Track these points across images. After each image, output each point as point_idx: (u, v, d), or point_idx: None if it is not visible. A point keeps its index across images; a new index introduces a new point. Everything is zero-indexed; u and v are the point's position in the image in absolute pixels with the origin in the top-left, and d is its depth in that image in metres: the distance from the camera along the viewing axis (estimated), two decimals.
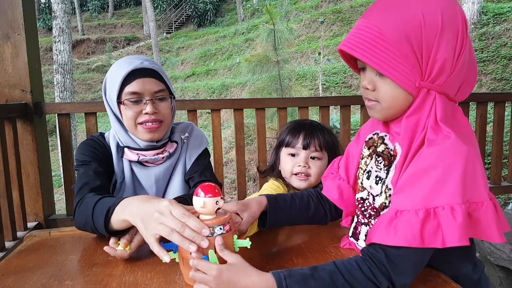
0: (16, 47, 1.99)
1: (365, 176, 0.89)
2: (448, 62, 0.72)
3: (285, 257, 0.91)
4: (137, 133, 1.18)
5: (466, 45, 0.74)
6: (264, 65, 6.41)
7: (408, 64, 0.72)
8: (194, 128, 1.35)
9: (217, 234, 0.76)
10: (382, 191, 0.83)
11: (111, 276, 0.84)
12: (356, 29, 0.76)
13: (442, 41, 0.71)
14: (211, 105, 2.34)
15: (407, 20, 0.71)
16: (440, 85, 0.74)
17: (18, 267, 0.90)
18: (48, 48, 18.72)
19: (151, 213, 0.80)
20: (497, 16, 9.31)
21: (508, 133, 2.83)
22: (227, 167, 7.44)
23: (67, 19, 6.50)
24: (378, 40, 0.72)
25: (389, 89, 0.76)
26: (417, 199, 0.70)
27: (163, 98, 1.18)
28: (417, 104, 0.75)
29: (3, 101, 2.00)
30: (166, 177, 1.27)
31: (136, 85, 1.13)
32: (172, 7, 25.31)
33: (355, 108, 4.92)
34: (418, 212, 0.69)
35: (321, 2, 16.42)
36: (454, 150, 0.70)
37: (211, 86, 13.78)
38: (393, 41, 0.71)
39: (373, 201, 0.86)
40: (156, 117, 1.15)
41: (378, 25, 0.73)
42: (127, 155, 1.20)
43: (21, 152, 2.00)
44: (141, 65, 1.13)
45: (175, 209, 0.78)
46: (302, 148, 1.26)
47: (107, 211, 0.91)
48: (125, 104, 1.14)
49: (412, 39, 0.71)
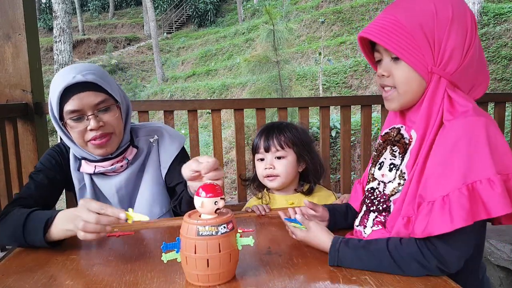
0: (16, 47, 1.99)
1: (377, 167, 0.95)
2: (458, 52, 0.80)
3: (285, 257, 0.91)
4: (88, 150, 1.14)
5: (474, 42, 0.81)
6: (264, 65, 6.41)
7: (421, 49, 0.80)
8: (166, 129, 1.30)
9: (221, 232, 0.76)
10: (395, 176, 0.88)
11: (111, 276, 0.84)
12: (375, 20, 0.86)
13: (452, 32, 0.80)
14: (211, 105, 2.34)
15: (421, 10, 0.81)
16: (450, 74, 0.81)
17: (18, 267, 0.90)
18: (49, 48, 18.74)
19: (73, 214, 0.91)
20: (497, 16, 9.31)
21: (509, 133, 2.83)
22: (227, 167, 7.44)
23: (67, 19, 6.51)
24: (395, 27, 0.81)
25: (403, 73, 0.84)
26: (455, 179, 0.73)
27: (107, 109, 1.10)
28: (431, 90, 0.82)
29: (3, 101, 2.00)
30: (129, 185, 1.23)
31: (74, 103, 1.06)
32: (172, 7, 25.30)
33: (355, 108, 4.91)
34: (462, 190, 0.72)
35: (321, 2, 16.41)
36: (474, 123, 0.75)
37: (211, 86, 13.78)
38: (408, 28, 0.80)
39: (384, 188, 0.91)
40: (103, 131, 1.10)
41: (395, 15, 0.82)
42: (84, 168, 1.17)
43: (22, 152, 2.01)
44: (74, 80, 1.05)
45: (90, 204, 0.89)
46: (264, 151, 1.31)
47: (45, 224, 0.94)
48: (68, 124, 1.09)
49: (425, 27, 0.80)
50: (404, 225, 0.82)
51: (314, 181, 1.37)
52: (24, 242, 0.97)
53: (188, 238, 0.76)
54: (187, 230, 0.77)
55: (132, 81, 18.74)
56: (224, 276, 0.79)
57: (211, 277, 0.77)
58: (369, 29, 0.85)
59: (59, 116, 1.09)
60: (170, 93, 14.87)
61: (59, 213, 0.95)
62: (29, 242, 0.97)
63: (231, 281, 0.80)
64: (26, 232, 0.96)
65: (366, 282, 0.78)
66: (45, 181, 1.15)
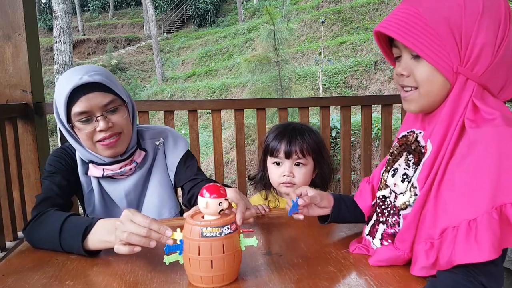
0: (16, 47, 1.99)
1: (390, 173, 0.87)
2: (488, 48, 0.70)
3: (285, 257, 0.91)
4: (97, 151, 1.11)
5: (508, 36, 0.71)
6: (265, 66, 6.41)
7: (446, 46, 0.70)
8: (170, 132, 1.29)
9: (224, 233, 0.76)
10: (407, 189, 0.79)
11: (112, 276, 0.84)
12: (394, 12, 0.76)
13: (482, 26, 0.69)
14: (211, 105, 2.34)
15: (447, 2, 0.71)
16: (479, 75, 0.71)
17: (18, 267, 0.90)
18: (49, 48, 18.73)
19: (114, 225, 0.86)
20: None
21: None
22: (227, 167, 7.44)
23: (67, 19, 6.51)
24: (416, 20, 0.71)
25: (425, 72, 0.74)
26: (483, 201, 0.63)
27: (115, 109, 1.09)
28: (454, 94, 0.72)
29: (3, 101, 2.00)
30: (137, 189, 1.21)
31: (82, 104, 1.04)
32: (172, 7, 25.29)
33: (355, 109, 4.91)
34: (492, 213, 0.62)
35: (321, 2, 16.40)
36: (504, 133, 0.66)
37: (211, 86, 13.78)
38: (432, 21, 0.70)
39: (394, 199, 0.83)
40: (112, 132, 1.08)
41: (416, 6, 0.72)
42: (92, 171, 1.15)
43: (22, 152, 2.00)
44: (81, 81, 1.03)
45: (136, 216, 0.83)
46: (284, 157, 1.25)
47: (84, 230, 0.91)
48: (77, 126, 1.07)
49: (451, 21, 0.70)
50: (426, 251, 0.72)
51: (324, 187, 1.33)
52: (59, 247, 0.94)
53: (192, 239, 0.76)
54: (190, 231, 0.77)
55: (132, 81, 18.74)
56: (228, 277, 0.79)
57: (215, 279, 0.77)
58: (387, 23, 0.75)
59: (67, 118, 1.07)
60: (170, 93, 14.87)
61: (98, 221, 0.92)
62: (65, 248, 0.94)
63: (232, 282, 0.80)
64: (63, 238, 0.93)
65: (367, 282, 0.78)
66: (64, 182, 1.12)
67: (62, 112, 1.05)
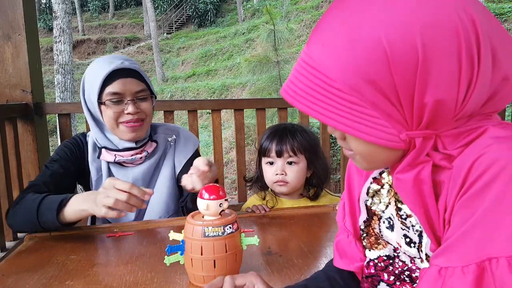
0: (16, 47, 1.99)
1: (385, 224, 0.61)
2: (448, 104, 0.46)
3: (285, 257, 0.91)
4: (118, 133, 1.17)
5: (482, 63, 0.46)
6: (265, 66, 6.42)
7: (380, 114, 0.47)
8: (182, 130, 1.35)
9: (227, 233, 0.76)
10: (421, 257, 0.56)
11: (112, 276, 0.84)
12: (297, 68, 0.51)
13: (427, 81, 0.45)
14: (211, 105, 2.34)
15: (362, 53, 0.45)
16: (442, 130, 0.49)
17: (18, 267, 0.90)
18: (49, 48, 18.72)
19: (97, 192, 0.95)
20: (497, 16, 9.30)
21: None
22: (227, 167, 7.45)
23: (67, 20, 6.51)
24: (327, 87, 0.47)
25: (359, 146, 0.52)
26: (466, 249, 0.46)
27: (144, 98, 1.18)
28: (413, 155, 0.50)
29: (3, 101, 2.00)
30: (145, 178, 1.26)
31: (117, 86, 1.12)
32: (172, 7, 25.29)
33: None
34: (466, 270, 0.45)
35: (321, 2, 16.40)
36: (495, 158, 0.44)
37: (211, 86, 13.78)
38: (348, 88, 0.46)
39: (411, 262, 0.59)
40: (138, 116, 1.16)
41: (322, 65, 0.47)
42: (104, 156, 1.20)
43: (22, 152, 2.00)
44: (122, 65, 1.13)
45: (117, 183, 0.92)
46: (276, 156, 1.27)
47: (59, 204, 0.99)
48: (106, 104, 1.13)
49: (377, 80, 0.45)
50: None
51: (320, 186, 1.34)
52: (38, 224, 1.01)
53: (194, 239, 0.76)
54: (192, 231, 0.77)
55: None
56: None
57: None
58: (290, 87, 0.50)
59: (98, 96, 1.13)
60: (170, 93, 14.87)
61: (74, 196, 1.01)
62: (42, 224, 1.01)
63: None
64: (40, 214, 1.00)
65: None
66: (60, 170, 1.19)
67: (95, 89, 1.12)
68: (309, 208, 1.28)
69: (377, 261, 0.63)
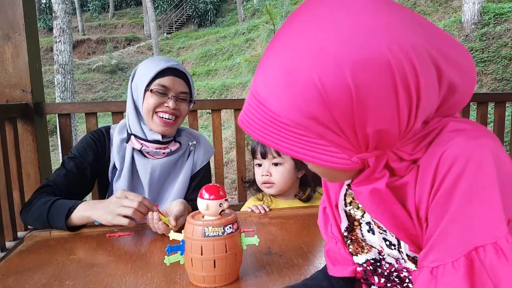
0: (16, 47, 1.99)
1: (365, 228, 0.63)
2: (391, 130, 0.48)
3: (285, 257, 0.91)
4: (151, 123, 1.26)
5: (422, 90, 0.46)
6: None
7: (328, 143, 0.48)
8: (202, 138, 1.44)
9: (227, 233, 0.77)
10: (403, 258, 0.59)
11: (112, 276, 0.84)
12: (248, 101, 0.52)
13: (366, 112, 0.45)
14: (211, 105, 2.34)
15: (300, 93, 0.46)
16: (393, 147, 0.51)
17: (18, 267, 0.90)
18: (49, 48, 18.72)
19: (109, 202, 1.07)
20: (497, 16, 9.30)
21: (509, 133, 2.83)
22: (227, 167, 7.45)
23: (67, 19, 6.51)
24: (275, 122, 0.48)
25: (317, 168, 0.56)
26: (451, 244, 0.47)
27: (185, 99, 1.29)
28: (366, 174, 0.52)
29: (3, 101, 2.00)
30: (163, 172, 1.32)
31: (167, 80, 1.24)
32: (172, 7, 25.29)
33: None
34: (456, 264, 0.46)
35: None
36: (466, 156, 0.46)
37: (211, 86, 13.78)
38: (294, 123, 0.47)
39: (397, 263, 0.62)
40: (175, 113, 1.26)
41: (267, 102, 0.49)
42: (132, 142, 1.28)
43: (22, 152, 2.00)
44: (176, 66, 1.27)
45: (131, 194, 1.06)
46: (261, 157, 1.30)
47: (68, 210, 1.10)
48: (153, 92, 1.23)
49: (318, 117, 0.46)
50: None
51: (313, 188, 1.34)
52: (49, 226, 1.13)
53: (194, 239, 0.76)
54: (192, 231, 0.77)
55: None
56: (230, 277, 0.79)
57: (217, 278, 0.77)
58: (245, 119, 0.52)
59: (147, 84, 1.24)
60: None
61: (82, 203, 1.11)
62: (52, 226, 1.13)
63: (232, 282, 0.80)
64: (50, 218, 1.12)
65: None
66: (74, 169, 1.26)
67: (147, 78, 1.23)
68: (309, 208, 1.28)
69: (365, 265, 0.65)
